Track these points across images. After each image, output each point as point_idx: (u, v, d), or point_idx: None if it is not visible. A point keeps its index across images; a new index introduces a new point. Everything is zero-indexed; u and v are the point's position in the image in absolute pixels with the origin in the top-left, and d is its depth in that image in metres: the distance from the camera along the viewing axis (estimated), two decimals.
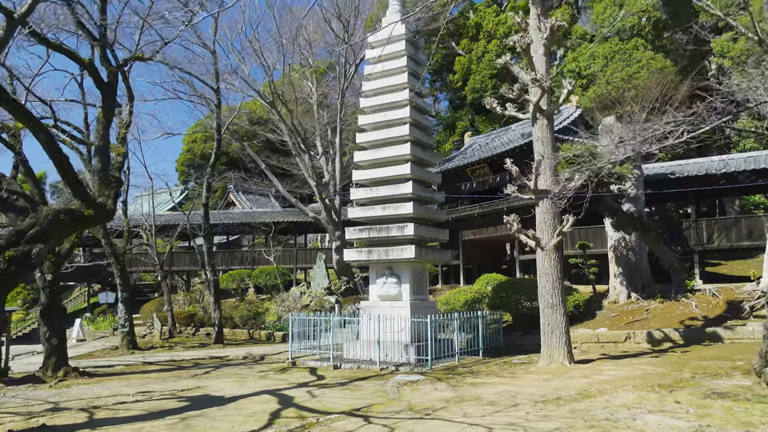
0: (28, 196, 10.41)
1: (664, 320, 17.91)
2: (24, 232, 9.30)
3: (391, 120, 16.83)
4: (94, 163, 10.85)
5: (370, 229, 16.51)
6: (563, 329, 13.49)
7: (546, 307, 13.63)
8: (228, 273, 32.06)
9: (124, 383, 14.10)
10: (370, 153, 17.05)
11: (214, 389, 12.66)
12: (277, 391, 12.06)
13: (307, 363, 16.25)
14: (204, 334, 27.10)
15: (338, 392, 11.63)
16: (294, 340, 17.05)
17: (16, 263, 8.99)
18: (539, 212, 14.09)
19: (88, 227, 10.71)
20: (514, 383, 11.65)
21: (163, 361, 18.49)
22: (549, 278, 13.64)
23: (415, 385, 12.07)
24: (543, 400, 9.85)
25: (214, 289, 23.17)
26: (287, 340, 24.11)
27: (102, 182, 10.98)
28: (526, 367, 14.10)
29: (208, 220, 22.98)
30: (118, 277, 21.46)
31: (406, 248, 15.75)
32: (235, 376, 14.58)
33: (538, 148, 14.20)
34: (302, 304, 27.43)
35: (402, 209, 16.10)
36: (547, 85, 13.72)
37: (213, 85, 21.20)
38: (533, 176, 13.80)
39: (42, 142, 9.52)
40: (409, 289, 16.19)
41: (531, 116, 14.37)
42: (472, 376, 12.92)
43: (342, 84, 27.28)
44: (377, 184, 16.83)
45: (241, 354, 19.65)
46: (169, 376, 15.19)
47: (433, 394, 10.81)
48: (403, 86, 16.87)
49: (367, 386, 12.33)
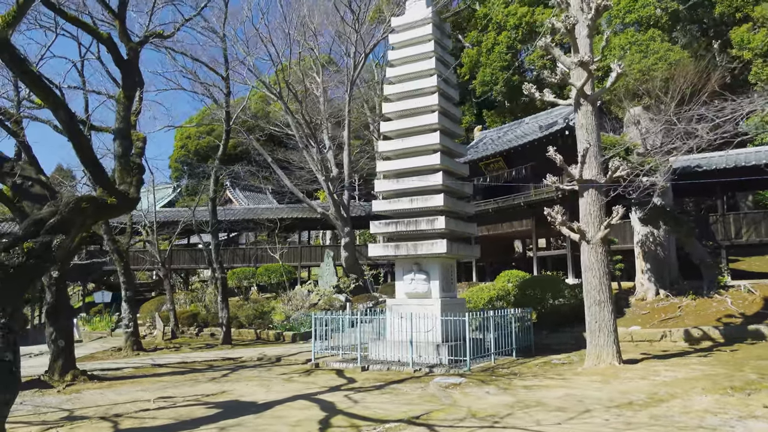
0: (45, 183, 9.40)
1: (699, 318, 17.20)
2: (43, 222, 8.29)
3: (419, 108, 15.95)
4: (115, 147, 9.86)
5: (397, 223, 15.61)
6: (611, 327, 12.70)
7: (593, 304, 12.82)
8: (231, 271, 30.98)
9: (139, 388, 13.10)
10: (396, 143, 16.16)
11: (241, 394, 11.71)
12: (312, 395, 11.14)
13: (331, 364, 15.32)
14: (208, 334, 26.04)
15: (380, 397, 10.74)
16: (316, 340, 16.07)
17: (36, 256, 7.98)
18: (584, 203, 13.27)
19: (111, 217, 9.74)
20: (569, 386, 10.83)
21: (174, 364, 17.47)
22: (595, 273, 12.83)
23: (461, 388, 11.20)
24: (614, 404, 9.04)
25: (221, 287, 22.15)
26: (297, 341, 23.26)
27: (123, 168, 9.98)
28: (571, 368, 13.29)
29: (216, 215, 21.95)
30: (121, 275, 20.38)
31: (437, 243, 14.88)
32: (257, 380, 13.63)
33: (583, 136, 13.38)
34: (310, 303, 26.49)
35: (431, 201, 15.23)
36: (594, 67, 12.88)
37: (222, 72, 20.18)
38: (578, 165, 12.98)
39: (61, 120, 8.54)
40: (438, 286, 15.32)
41: (574, 102, 13.55)
42: (517, 378, 12.08)
43: (352, 74, 26.34)
44: (404, 176, 15.94)
45: (254, 355, 18.67)
46: (185, 379, 14.19)
47: (488, 398, 9.95)
48: (430, 72, 16.00)
49: (407, 389, 11.45)
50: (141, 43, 11.04)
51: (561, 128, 22.25)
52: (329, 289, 26.73)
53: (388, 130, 16.45)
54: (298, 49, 26.90)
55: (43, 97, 8.40)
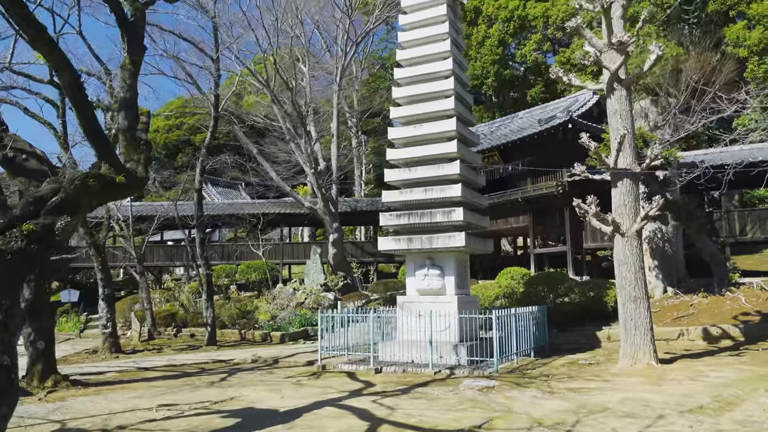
0: (41, 156, 8.05)
1: (714, 316, 16.71)
2: (44, 200, 6.99)
3: (433, 92, 14.98)
4: (120, 120, 8.59)
5: (410, 215, 14.60)
6: (648, 326, 11.96)
7: (628, 301, 12.06)
8: None
9: (132, 394, 11.73)
10: (407, 129, 15.16)
11: (253, 400, 10.52)
12: (336, 402, 10.04)
13: (340, 366, 14.20)
14: (188, 335, 24.50)
15: (414, 402, 9.70)
16: (323, 340, 14.91)
17: (37, 240, 6.68)
18: (617, 194, 12.50)
19: (117, 197, 8.48)
20: (619, 388, 10.02)
21: (162, 367, 16.04)
22: (630, 268, 12.08)
23: (498, 391, 10.26)
24: (685, 409, 8.24)
25: (206, 284, 20.74)
26: (286, 341, 21.99)
27: (129, 144, 8.69)
28: (602, 369, 12.52)
29: (201, 208, 20.51)
30: (99, 271, 18.78)
31: (454, 236, 13.92)
32: (264, 384, 12.42)
33: (617, 123, 12.61)
34: (297, 302, 25.23)
35: (448, 192, 14.27)
36: (631, 49, 12.12)
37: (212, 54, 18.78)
38: (613, 153, 12.21)
39: (65, 83, 7.27)
40: (454, 283, 14.37)
41: (606, 86, 12.79)
42: (552, 380, 11.22)
43: (342, 62, 25.21)
44: (416, 164, 14.95)
45: (247, 357, 17.35)
46: (181, 384, 12.86)
47: (542, 403, 9.02)
48: (444, 55, 15.05)
49: (437, 393, 10.45)
50: (147, 3, 9.74)
51: (563, 122, 21.61)
52: (316, 287, 25.53)
53: (398, 116, 15.44)
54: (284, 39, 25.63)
55: (45, 52, 7.09)
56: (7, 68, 10.89)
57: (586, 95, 24.23)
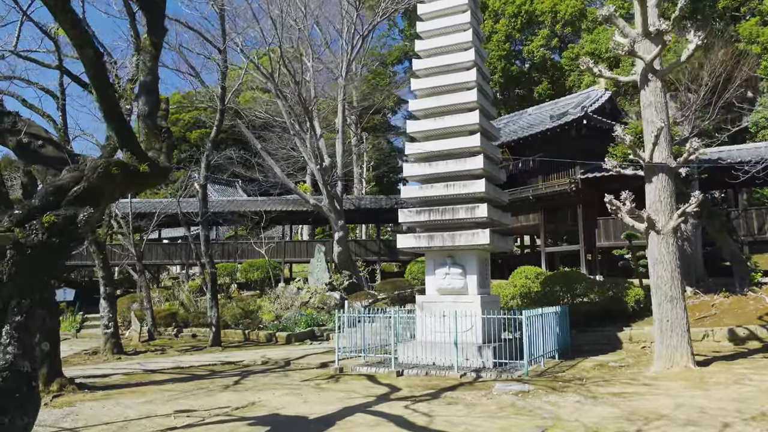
0: (58, 143, 7.41)
1: (738, 316, 16.29)
2: (65, 189, 6.36)
3: (454, 84, 14.44)
4: (140, 105, 7.95)
5: (431, 211, 14.04)
6: (685, 327, 11.48)
7: (664, 301, 11.57)
8: None
9: (144, 399, 11.09)
10: (426, 122, 14.60)
11: (276, 406, 9.91)
12: (366, 407, 9.47)
13: (358, 369, 13.61)
14: (189, 335, 23.81)
15: (450, 408, 9.15)
16: (340, 341, 14.32)
17: (59, 233, 6.07)
18: (652, 190, 12.01)
19: (140, 188, 7.85)
20: (665, 393, 9.52)
21: (169, 369, 15.38)
22: (666, 267, 11.59)
23: (536, 396, 9.73)
24: (748, 416, 7.75)
25: (211, 283, 20.07)
26: (293, 342, 21.35)
27: (150, 131, 8.06)
28: (634, 371, 12.03)
29: (206, 203, 19.85)
30: (100, 269, 18.07)
31: (478, 233, 13.38)
32: (282, 388, 11.82)
33: (652, 116, 12.11)
34: (301, 301, 24.58)
35: (471, 187, 13.73)
36: (668, 38, 11.61)
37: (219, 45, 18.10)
38: (648, 147, 11.70)
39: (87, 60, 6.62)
40: (476, 282, 13.84)
41: (640, 78, 12.27)
42: (590, 384, 10.70)
43: (350, 55, 24.59)
44: (437, 159, 14.39)
45: (256, 358, 16.71)
46: (194, 388, 12.23)
47: (591, 410, 8.48)
48: (467, 45, 14.51)
49: (470, 398, 9.90)
50: None
51: (577, 117, 21.13)
52: (322, 286, 24.90)
53: (416, 108, 14.88)
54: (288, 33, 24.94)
55: (69, 26, 6.45)
56: (13, 52, 10.20)
57: (598, 91, 23.78)
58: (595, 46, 26.10)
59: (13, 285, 5.71)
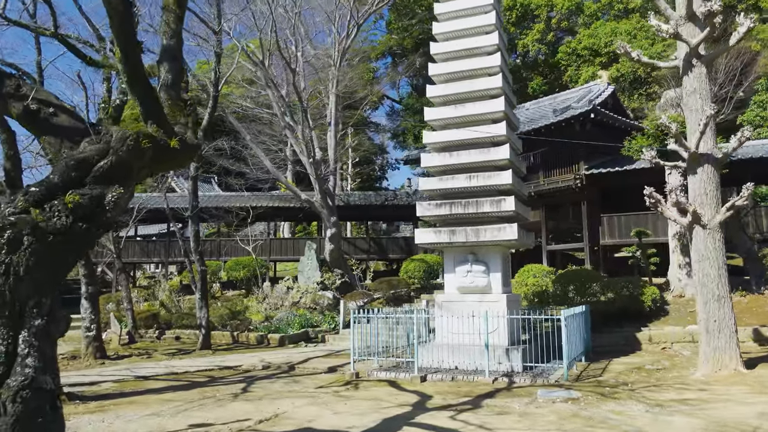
0: (72, 110, 6.21)
1: (758, 316, 15.85)
2: (89, 164, 5.21)
3: (476, 69, 13.55)
4: (162, 73, 6.78)
5: (452, 204, 13.11)
6: (733, 328, 10.81)
7: (711, 300, 10.88)
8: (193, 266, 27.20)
9: (147, 411, 9.87)
10: (445, 110, 13.67)
11: (304, 418, 8.84)
12: (408, 419, 8.49)
13: (375, 374, 12.60)
14: (172, 337, 22.37)
15: (505, 420, 8.22)
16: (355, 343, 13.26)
17: (85, 217, 4.92)
18: (697, 182, 11.29)
19: (168, 167, 6.72)
20: (735, 399, 8.79)
21: (162, 375, 14.09)
22: (713, 263, 10.91)
23: (590, 404, 8.88)
24: None
25: (201, 282, 18.74)
26: (286, 344, 20.16)
27: (174, 103, 6.90)
28: (675, 375, 11.34)
29: (197, 196, 18.49)
30: (82, 266, 16.56)
31: (505, 228, 12.51)
32: (298, 396, 10.74)
33: (695, 103, 11.41)
34: (291, 301, 23.40)
35: (496, 179, 12.86)
36: (718, 20, 10.91)
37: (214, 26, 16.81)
38: (696, 135, 10.99)
39: (111, 7, 5.49)
40: (500, 280, 12.97)
41: (683, 63, 11.56)
42: (642, 389, 9.95)
43: (344, 44, 23.50)
44: (458, 148, 13.47)
45: (254, 363, 15.52)
46: (199, 397, 11.04)
47: (668, 420, 7.66)
48: (489, 28, 13.64)
49: (517, 406, 9.01)
50: None
51: (584, 111, 20.49)
52: (313, 285, 23.75)
53: (434, 95, 13.94)
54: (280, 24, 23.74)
55: None
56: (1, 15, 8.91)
57: (600, 86, 23.24)
58: (593, 41, 25.62)
59: (32, 281, 4.55)
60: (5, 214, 4.64)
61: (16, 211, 4.66)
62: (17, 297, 4.46)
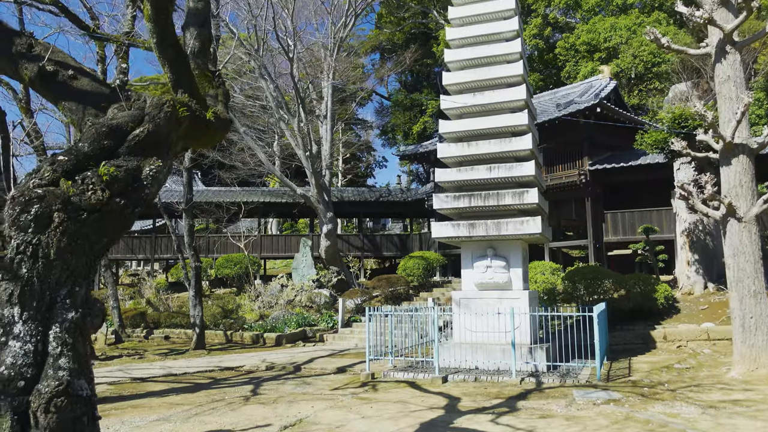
0: (94, 74, 5.42)
1: None
2: (123, 131, 4.48)
3: (495, 56, 12.97)
4: (189, 40, 6.04)
5: (471, 197, 12.50)
6: None
7: (746, 296, 10.44)
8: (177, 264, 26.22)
9: (154, 416, 9.08)
10: (463, 98, 13.07)
11: (330, 423, 8.15)
12: (447, 424, 7.88)
13: (392, 375, 11.92)
14: (161, 337, 21.41)
15: (552, 423, 7.64)
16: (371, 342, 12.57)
17: (122, 192, 4.19)
18: (731, 173, 10.84)
19: (200, 143, 5.97)
20: None
21: (161, 377, 13.24)
22: (749, 258, 10.47)
23: (634, 406, 8.34)
24: None
25: (195, 279, 17.88)
26: (283, 343, 19.37)
27: (202, 74, 6.17)
28: (707, 374, 10.87)
29: (191, 188, 17.63)
30: None
31: (528, 221, 11.95)
32: (315, 399, 10.03)
33: (729, 91, 10.96)
34: (286, 300, 22.60)
35: (517, 170, 12.29)
36: (756, 4, 10.47)
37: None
38: (732, 125, 10.54)
39: None
40: (521, 275, 12.41)
41: (716, 50, 11.10)
42: (684, 390, 9.43)
43: (342, 33, 22.78)
44: (476, 138, 12.88)
45: (257, 363, 14.72)
46: (207, 400, 10.25)
47: (733, 424, 7.13)
48: (509, 13, 13.08)
49: (557, 409, 8.44)
50: None
51: (590, 105, 20.07)
52: (308, 283, 22.98)
53: (450, 82, 13.32)
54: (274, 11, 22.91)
55: None
56: None
57: (602, 81, 22.86)
58: (592, 36, 25.28)
59: (63, 265, 3.80)
60: (30, 186, 3.88)
61: (43, 183, 3.91)
62: (47, 285, 3.71)
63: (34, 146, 15.74)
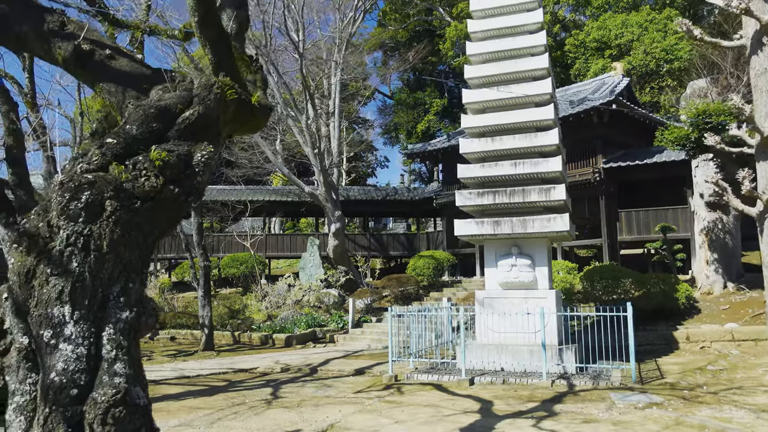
0: (131, 54, 5.02)
1: None
2: (172, 113, 4.11)
3: (519, 48, 12.61)
4: (225, 21, 5.63)
5: (496, 193, 12.14)
6: None
7: None
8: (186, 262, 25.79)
9: (174, 420, 8.68)
10: (486, 92, 12.69)
11: (363, 428, 7.77)
12: (489, 430, 7.45)
13: (415, 377, 11.55)
14: (167, 337, 21.00)
15: (599, 428, 7.27)
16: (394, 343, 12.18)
17: (175, 180, 3.80)
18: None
19: (245, 130, 5.53)
20: None
21: (173, 379, 12.82)
22: None
23: (685, 411, 7.99)
24: None
25: (204, 279, 17.45)
26: (293, 344, 18.95)
27: (240, 58, 5.77)
28: (743, 375, 10.54)
29: None
30: None
31: (556, 218, 11.60)
32: (341, 402, 9.65)
33: (765, 84, 10.61)
34: (294, 300, 22.19)
35: (543, 166, 11.93)
36: None
37: None
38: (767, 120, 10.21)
39: None
40: (546, 274, 12.05)
41: (752, 41, 10.77)
42: (726, 393, 9.09)
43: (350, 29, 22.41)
44: (500, 133, 12.51)
45: (271, 365, 14.31)
46: (227, 404, 9.86)
47: None
48: (533, 5, 12.73)
49: (598, 414, 8.09)
50: None
51: (606, 102, 19.75)
52: (316, 282, 22.58)
53: (472, 76, 12.95)
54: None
55: None
56: None
57: (614, 78, 22.54)
58: (603, 33, 24.97)
59: (116, 258, 3.41)
60: (78, 171, 3.48)
61: (91, 168, 3.51)
62: (99, 281, 3.32)
63: (41, 141, 15.32)
